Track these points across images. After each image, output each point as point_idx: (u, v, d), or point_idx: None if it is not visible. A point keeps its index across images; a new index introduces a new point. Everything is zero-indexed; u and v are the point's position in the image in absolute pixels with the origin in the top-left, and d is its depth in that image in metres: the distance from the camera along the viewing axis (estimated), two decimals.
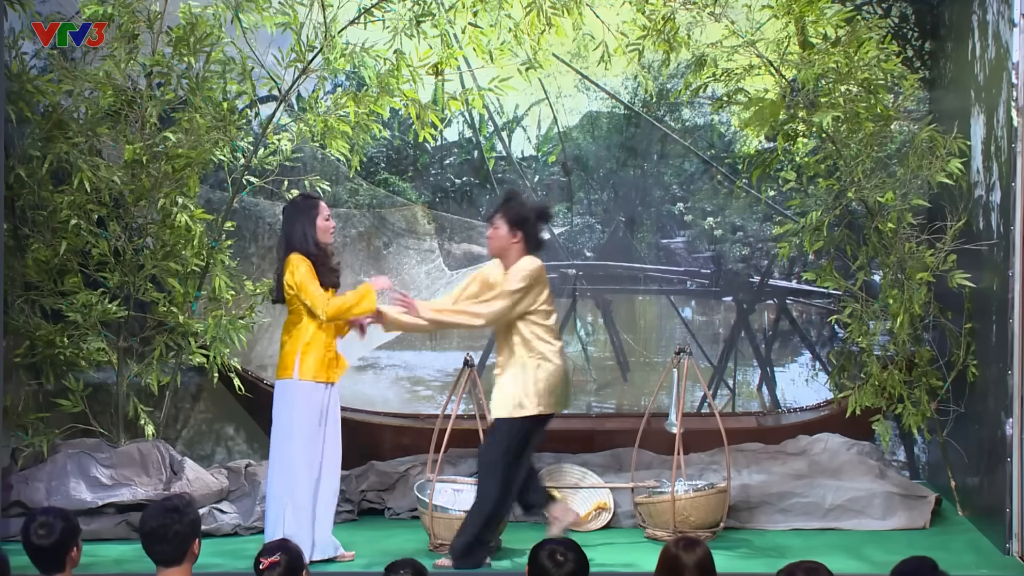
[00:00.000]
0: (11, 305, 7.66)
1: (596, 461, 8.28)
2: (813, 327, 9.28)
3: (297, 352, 6.86)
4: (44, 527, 4.53)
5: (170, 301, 7.90)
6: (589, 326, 9.27)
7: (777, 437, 8.54)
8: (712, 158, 9.18)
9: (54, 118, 7.69)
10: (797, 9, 7.77)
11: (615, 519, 7.93)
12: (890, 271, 7.97)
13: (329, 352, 6.94)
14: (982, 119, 7.76)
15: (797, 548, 7.27)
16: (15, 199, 7.69)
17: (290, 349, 6.89)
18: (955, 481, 8.19)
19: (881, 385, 7.99)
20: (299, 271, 6.84)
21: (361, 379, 9.13)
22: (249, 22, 7.94)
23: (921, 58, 9.00)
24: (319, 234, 6.95)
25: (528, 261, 6.92)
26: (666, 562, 4.31)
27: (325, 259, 6.96)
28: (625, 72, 8.97)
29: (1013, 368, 7.12)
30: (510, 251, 6.97)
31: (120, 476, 7.61)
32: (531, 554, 4.40)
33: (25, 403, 7.81)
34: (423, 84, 8.09)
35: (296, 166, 8.44)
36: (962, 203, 7.86)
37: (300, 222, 6.95)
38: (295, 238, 6.93)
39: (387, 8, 7.98)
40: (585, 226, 9.23)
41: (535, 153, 9.26)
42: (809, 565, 4.11)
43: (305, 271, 6.84)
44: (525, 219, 6.94)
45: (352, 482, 8.18)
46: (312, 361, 6.86)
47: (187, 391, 8.86)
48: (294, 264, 6.86)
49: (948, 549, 7.23)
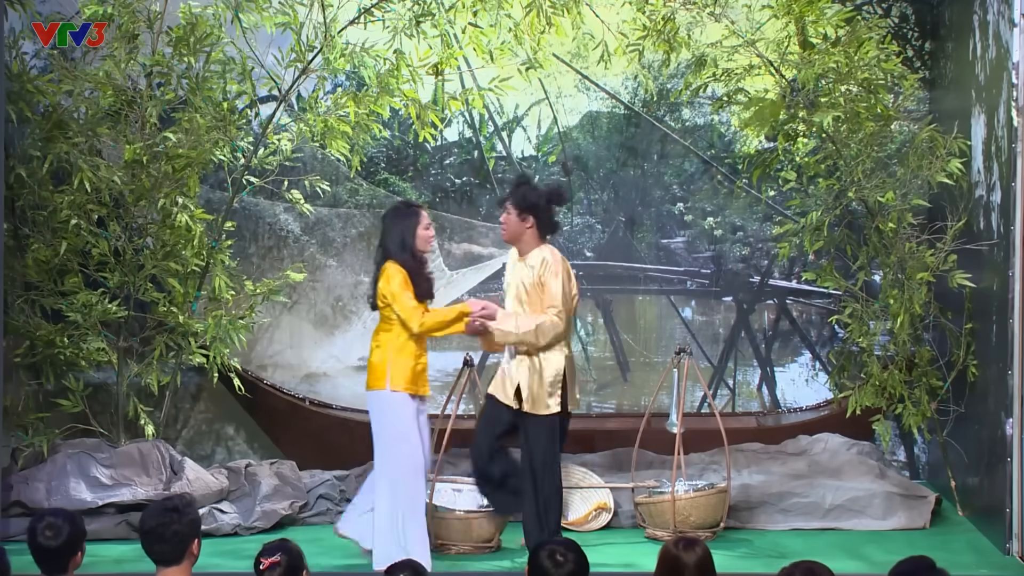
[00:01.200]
0: (11, 305, 7.66)
1: (596, 461, 8.28)
2: (813, 327, 9.28)
3: (388, 362, 6.75)
4: (51, 529, 4.53)
5: (170, 301, 7.90)
6: (589, 326, 9.27)
7: (777, 437, 8.53)
8: (712, 158, 9.18)
9: (54, 118, 7.69)
10: (797, 9, 7.77)
11: (615, 519, 7.93)
12: (890, 271, 7.97)
13: (419, 364, 6.81)
14: (982, 119, 7.76)
15: (797, 548, 7.27)
16: (15, 199, 7.69)
17: (380, 359, 6.79)
18: (955, 481, 8.19)
19: (881, 385, 7.99)
20: (394, 281, 6.71)
21: (361, 379, 9.08)
22: (249, 22, 7.94)
23: (921, 58, 9.00)
24: (418, 243, 6.83)
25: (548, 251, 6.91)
26: (666, 562, 4.31)
27: (421, 268, 6.85)
28: (625, 72, 8.97)
29: (1013, 368, 7.12)
30: (523, 236, 6.96)
31: (120, 476, 7.61)
32: (531, 554, 4.40)
33: (25, 403, 7.81)
34: (423, 84, 8.09)
35: (296, 166, 8.44)
36: (962, 203, 7.86)
37: (400, 230, 6.82)
38: (393, 246, 6.81)
39: (387, 8, 7.98)
40: (585, 226, 9.23)
41: (535, 153, 9.26)
42: (809, 565, 4.11)
43: (400, 282, 6.72)
44: (535, 204, 6.92)
45: (352, 482, 8.18)
46: (402, 372, 6.75)
47: (187, 391, 8.86)
48: (390, 273, 6.74)
49: (948, 549, 7.23)
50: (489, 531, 7.33)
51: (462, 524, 7.32)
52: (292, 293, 8.86)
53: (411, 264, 6.78)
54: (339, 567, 7.00)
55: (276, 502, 7.84)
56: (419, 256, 6.84)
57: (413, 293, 6.74)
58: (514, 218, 6.94)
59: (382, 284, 6.76)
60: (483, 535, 7.32)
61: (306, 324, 9.09)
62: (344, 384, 9.10)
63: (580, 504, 7.95)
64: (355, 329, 9.10)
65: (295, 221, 9.02)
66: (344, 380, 9.11)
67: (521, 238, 6.96)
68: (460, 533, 7.30)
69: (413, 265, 6.79)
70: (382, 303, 6.79)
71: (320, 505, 8.04)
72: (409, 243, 6.80)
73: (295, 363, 9.06)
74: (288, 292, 8.63)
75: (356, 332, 9.10)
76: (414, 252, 6.81)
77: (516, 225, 6.94)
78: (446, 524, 7.27)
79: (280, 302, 8.64)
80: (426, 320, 6.74)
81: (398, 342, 6.76)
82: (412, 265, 6.79)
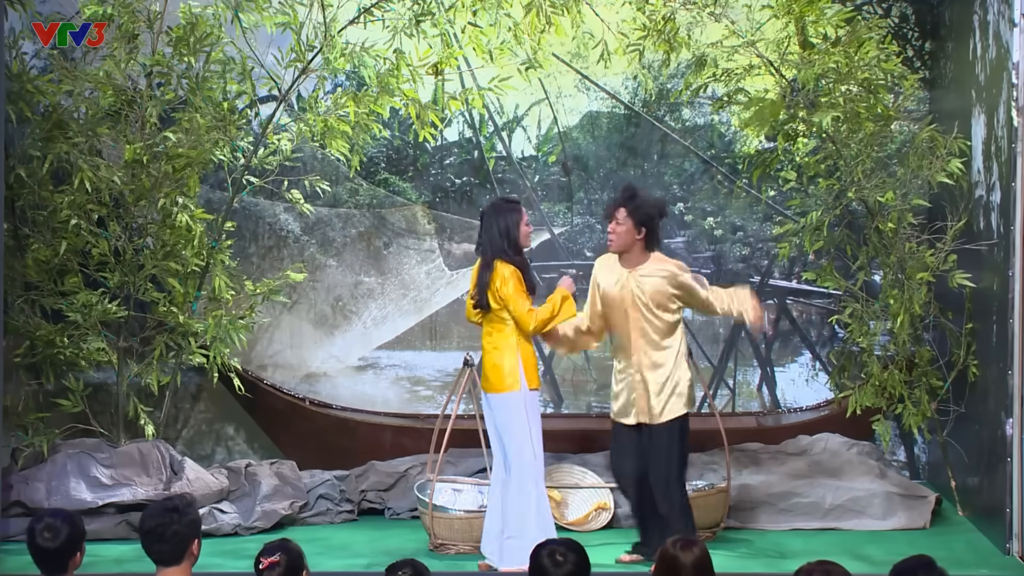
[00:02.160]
0: (11, 305, 7.66)
1: (596, 461, 8.27)
2: (813, 327, 9.28)
3: (518, 363, 6.77)
4: (50, 530, 4.53)
5: (170, 301, 7.90)
6: None
7: (777, 437, 8.53)
8: (712, 158, 9.18)
9: (54, 118, 7.69)
10: (797, 9, 7.77)
11: (615, 519, 7.92)
12: (890, 271, 7.97)
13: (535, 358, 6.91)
14: (982, 119, 7.76)
15: (797, 548, 7.28)
16: (15, 199, 7.69)
17: (510, 361, 6.79)
18: (955, 481, 8.19)
19: (881, 385, 7.99)
20: (510, 284, 6.73)
21: (361, 379, 9.13)
22: (249, 22, 7.94)
23: (921, 58, 9.00)
24: (521, 238, 6.85)
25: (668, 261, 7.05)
26: (664, 562, 4.30)
27: (527, 264, 6.88)
28: (625, 72, 8.96)
29: (1013, 368, 7.12)
30: (633, 248, 7.00)
31: (120, 476, 7.61)
32: (532, 553, 4.40)
33: (25, 403, 7.81)
34: (423, 84, 8.09)
35: (296, 166, 8.44)
36: (962, 203, 7.86)
37: (504, 225, 6.82)
38: (497, 243, 6.81)
39: (387, 8, 7.98)
40: (585, 226, 9.23)
41: (535, 153, 9.25)
42: (827, 567, 4.10)
43: (515, 283, 6.74)
44: (651, 217, 7.00)
45: (352, 482, 8.18)
46: (532, 370, 6.82)
47: (187, 391, 8.86)
48: (504, 275, 6.74)
49: (948, 549, 7.24)
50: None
51: (462, 524, 7.31)
52: (292, 293, 8.86)
53: (519, 261, 6.81)
54: (339, 567, 7.00)
55: (276, 502, 7.84)
56: (522, 251, 6.87)
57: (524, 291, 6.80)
58: (628, 229, 6.97)
59: (496, 284, 6.75)
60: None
61: (306, 324, 9.09)
62: (344, 384, 9.10)
63: (580, 504, 7.95)
64: (355, 329, 9.11)
65: (295, 221, 9.02)
66: (344, 380, 9.11)
67: (631, 248, 7.01)
68: (460, 533, 7.29)
69: (520, 261, 6.82)
70: (498, 304, 6.78)
71: (320, 505, 8.04)
72: (515, 238, 6.82)
73: (295, 363, 9.06)
74: (288, 292, 8.63)
75: (356, 332, 9.11)
76: (519, 248, 6.84)
77: (628, 236, 6.98)
78: (446, 524, 7.27)
79: (280, 302, 8.64)
80: (538, 316, 6.77)
81: (519, 341, 6.79)
82: (520, 262, 6.81)
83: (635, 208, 6.95)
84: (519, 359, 6.77)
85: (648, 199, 7.07)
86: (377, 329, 9.10)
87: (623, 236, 6.99)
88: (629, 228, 6.97)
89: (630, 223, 6.96)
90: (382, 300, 8.95)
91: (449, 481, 7.64)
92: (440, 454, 7.42)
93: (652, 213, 6.99)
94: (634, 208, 6.95)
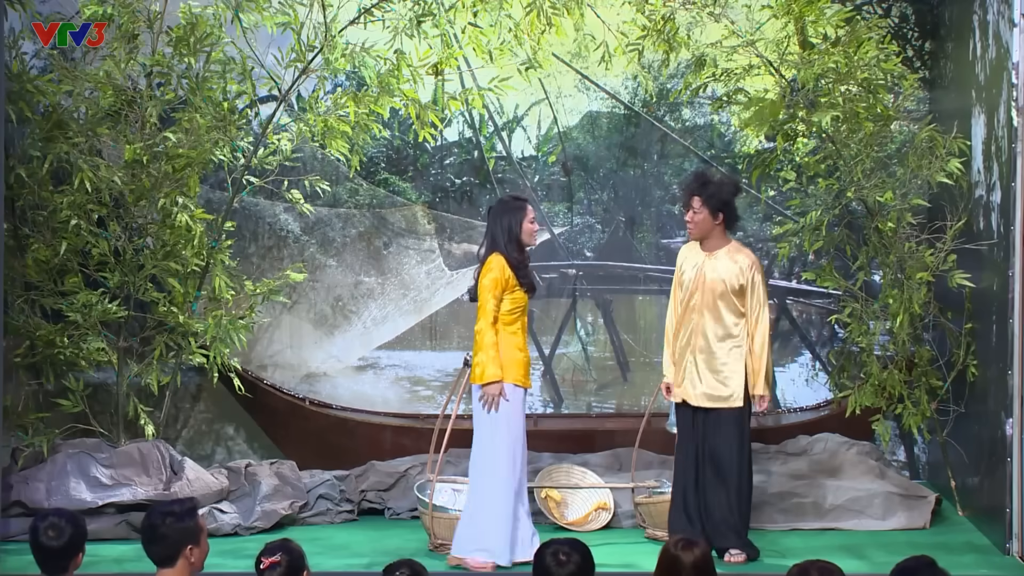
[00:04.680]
0: (11, 305, 7.66)
1: (596, 461, 8.28)
2: (813, 327, 9.28)
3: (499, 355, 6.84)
4: (54, 529, 4.53)
5: (170, 301, 7.90)
6: (589, 326, 9.26)
7: (777, 437, 8.53)
8: (712, 158, 9.18)
9: (54, 118, 7.69)
10: (797, 9, 7.77)
11: (615, 519, 7.92)
12: (890, 271, 7.97)
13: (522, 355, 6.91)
14: (982, 119, 7.76)
15: (797, 548, 7.27)
16: (15, 199, 7.69)
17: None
18: (955, 481, 8.19)
19: (881, 385, 7.99)
20: (488, 275, 6.81)
21: (361, 379, 9.13)
22: (249, 22, 7.94)
23: (921, 58, 9.00)
24: (524, 236, 6.91)
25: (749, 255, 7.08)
26: (665, 562, 4.31)
27: (526, 261, 6.92)
28: (625, 72, 8.97)
29: (1013, 368, 7.12)
30: (713, 233, 7.05)
31: (120, 476, 7.61)
32: (536, 553, 4.40)
33: (25, 403, 7.81)
34: (423, 84, 8.09)
35: (296, 166, 8.44)
36: (962, 203, 7.86)
37: (507, 222, 6.90)
38: (498, 239, 6.90)
39: (387, 8, 7.98)
40: (585, 226, 9.23)
41: (535, 153, 9.26)
42: (822, 565, 4.10)
43: (492, 279, 6.80)
44: (727, 202, 7.04)
45: (352, 482, 8.18)
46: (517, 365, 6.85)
47: (187, 391, 8.86)
48: (488, 265, 6.84)
49: (948, 549, 7.23)
50: None
51: None
52: (292, 293, 8.86)
53: (516, 257, 6.86)
54: (339, 567, 6.99)
55: (276, 502, 7.84)
56: (524, 249, 6.92)
57: (519, 284, 6.82)
58: (705, 215, 7.01)
59: (482, 274, 6.85)
60: None
61: (306, 324, 9.09)
62: (344, 384, 9.10)
63: (580, 504, 7.95)
64: (355, 329, 9.11)
65: (295, 221, 9.02)
66: (344, 380, 9.11)
67: (711, 234, 7.05)
68: None
69: (518, 258, 6.87)
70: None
71: (320, 505, 8.04)
72: (516, 235, 6.88)
73: (295, 363, 9.07)
74: (288, 292, 8.63)
75: (356, 332, 9.11)
76: (520, 245, 6.89)
77: (707, 222, 7.03)
78: (446, 524, 7.26)
79: (280, 302, 8.64)
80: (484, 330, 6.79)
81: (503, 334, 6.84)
82: (517, 258, 6.87)
83: (709, 196, 7.00)
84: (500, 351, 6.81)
85: (722, 184, 7.10)
86: (377, 329, 9.10)
87: (701, 224, 7.05)
88: (706, 216, 7.02)
89: (706, 211, 7.01)
90: (382, 300, 8.94)
91: (449, 481, 7.64)
92: (440, 454, 7.42)
93: (726, 198, 7.04)
94: (708, 196, 7.00)
